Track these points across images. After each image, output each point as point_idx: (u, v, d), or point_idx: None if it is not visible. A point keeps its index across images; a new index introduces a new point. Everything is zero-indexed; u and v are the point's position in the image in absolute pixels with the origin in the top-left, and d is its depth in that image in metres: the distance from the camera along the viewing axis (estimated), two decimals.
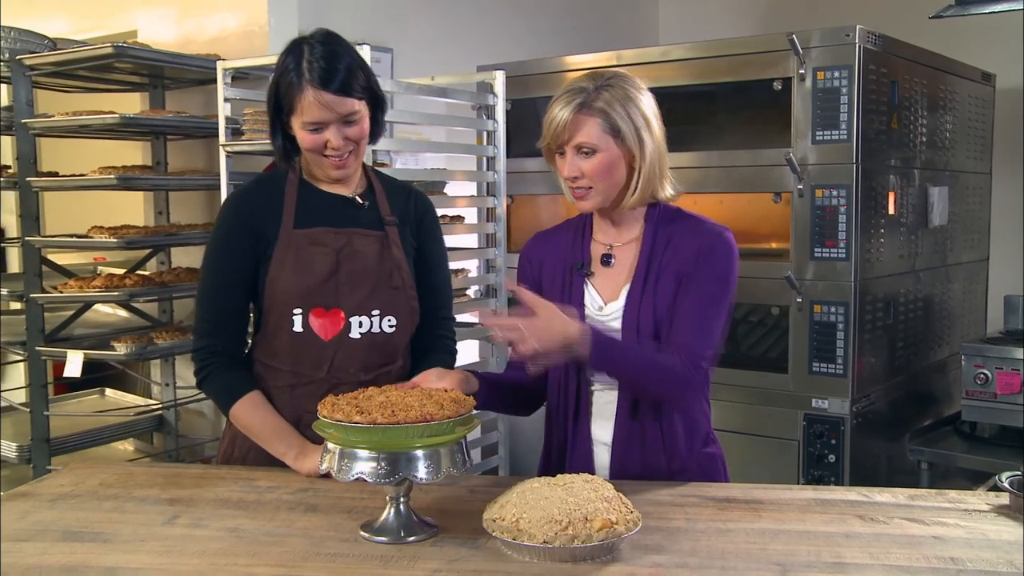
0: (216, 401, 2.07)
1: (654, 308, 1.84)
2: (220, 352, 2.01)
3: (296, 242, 1.97)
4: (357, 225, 2.01)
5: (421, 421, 1.52)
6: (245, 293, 2.02)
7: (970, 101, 3.96)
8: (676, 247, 1.87)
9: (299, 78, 1.88)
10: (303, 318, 1.97)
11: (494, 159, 3.56)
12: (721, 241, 1.86)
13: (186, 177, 3.52)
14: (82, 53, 3.17)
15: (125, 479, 1.94)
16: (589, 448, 1.92)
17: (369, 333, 2.00)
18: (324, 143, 1.92)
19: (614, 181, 1.86)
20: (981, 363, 3.36)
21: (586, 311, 1.92)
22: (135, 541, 1.59)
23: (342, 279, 1.97)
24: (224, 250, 2.01)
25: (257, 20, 3.60)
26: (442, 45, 4.28)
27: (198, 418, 3.92)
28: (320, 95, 1.87)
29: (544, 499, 1.50)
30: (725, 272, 1.84)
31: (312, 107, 1.88)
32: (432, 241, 2.14)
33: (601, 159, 1.83)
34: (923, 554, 1.47)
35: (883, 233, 3.29)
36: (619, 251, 1.94)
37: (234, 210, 2.04)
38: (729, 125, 3.67)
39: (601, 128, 1.82)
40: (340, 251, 1.97)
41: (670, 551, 1.51)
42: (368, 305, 1.99)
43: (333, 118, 1.90)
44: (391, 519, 1.60)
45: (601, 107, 1.82)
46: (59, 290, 3.32)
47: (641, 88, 1.88)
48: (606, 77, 1.86)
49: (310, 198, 2.02)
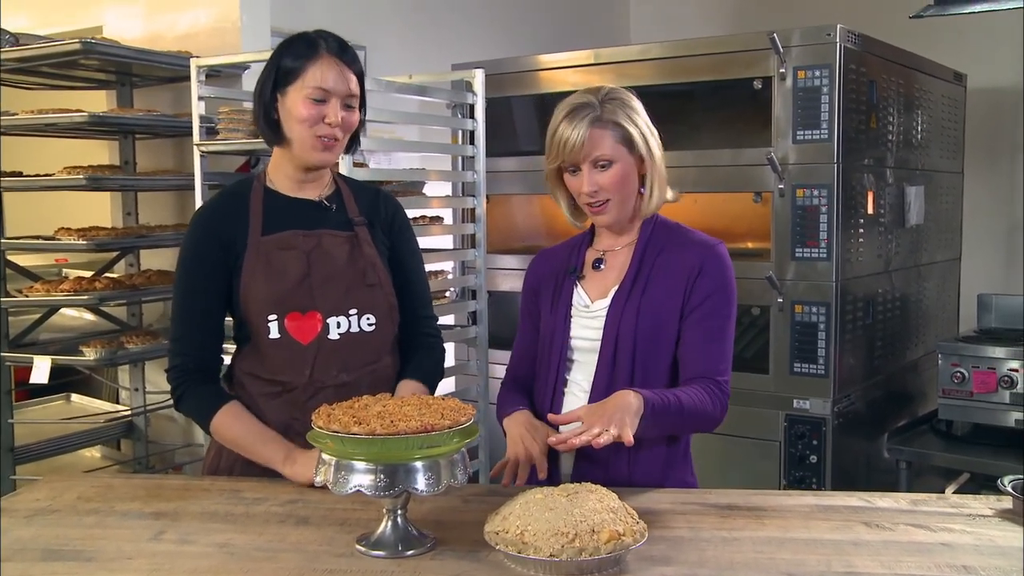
0: (195, 418, 2.02)
1: (638, 310, 1.86)
2: (194, 370, 1.98)
3: (265, 248, 1.93)
4: (326, 226, 1.98)
5: (422, 431, 1.47)
6: (219, 308, 1.98)
7: (943, 101, 3.98)
8: (668, 258, 1.90)
9: (314, 45, 1.90)
10: (279, 324, 1.93)
11: (473, 159, 3.51)
12: (716, 257, 1.89)
13: (157, 177, 3.43)
14: (48, 49, 3.08)
15: (105, 492, 1.87)
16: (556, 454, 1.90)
17: (348, 333, 1.96)
18: (322, 117, 1.89)
19: (629, 191, 1.89)
20: (958, 362, 3.38)
21: (572, 310, 1.94)
22: (121, 559, 1.53)
23: (315, 281, 1.93)
24: (194, 266, 1.97)
25: (229, 16, 3.52)
26: (414, 43, 4.23)
27: (169, 424, 3.83)
28: (334, 62, 1.89)
29: (549, 510, 1.45)
30: (726, 288, 1.87)
31: (325, 71, 1.88)
32: (405, 241, 2.11)
33: (617, 170, 1.85)
34: (934, 562, 1.44)
35: (862, 233, 3.29)
36: (611, 256, 1.97)
37: (201, 225, 2.00)
38: (708, 124, 3.65)
39: (614, 139, 1.84)
40: (310, 253, 1.94)
41: (677, 562, 1.48)
42: (344, 305, 1.95)
43: (341, 90, 1.90)
44: (388, 532, 1.55)
45: (612, 119, 1.84)
46: (25, 293, 3.22)
47: (634, 99, 1.91)
48: (604, 91, 1.88)
49: (276, 204, 1.98)
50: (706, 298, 1.85)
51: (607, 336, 1.88)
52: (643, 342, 1.85)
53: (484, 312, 3.52)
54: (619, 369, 1.86)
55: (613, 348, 1.87)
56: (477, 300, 3.51)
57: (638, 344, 1.85)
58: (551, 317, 1.97)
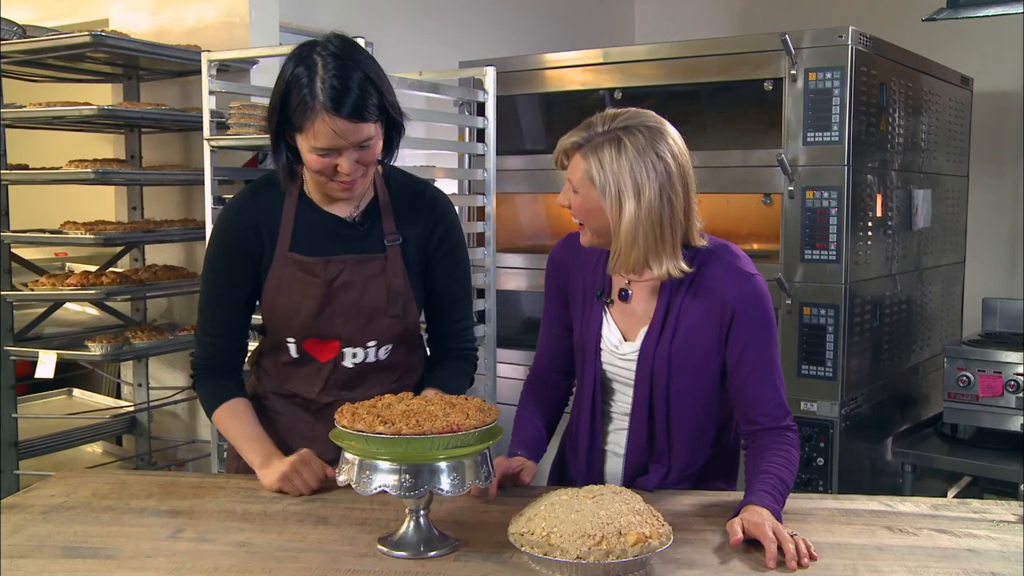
0: (203, 404, 2.02)
1: (669, 354, 1.79)
2: (214, 363, 1.98)
3: (289, 269, 1.89)
4: (354, 251, 1.90)
5: (447, 431, 1.46)
6: (244, 306, 1.96)
7: (950, 105, 3.98)
8: (698, 290, 1.78)
9: (312, 98, 1.70)
10: (297, 346, 1.93)
11: (482, 157, 3.49)
12: (752, 295, 1.76)
13: (165, 172, 3.41)
14: (57, 41, 3.05)
15: (119, 489, 1.85)
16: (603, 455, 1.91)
17: (364, 362, 1.94)
18: (334, 167, 1.78)
19: (597, 226, 1.74)
20: (963, 366, 3.38)
21: (602, 343, 1.87)
22: (140, 557, 1.52)
23: (335, 311, 1.90)
24: (220, 268, 1.95)
25: (238, 11, 3.49)
26: (421, 40, 4.22)
27: (171, 420, 3.81)
28: (334, 122, 1.70)
29: (575, 512, 1.44)
30: (767, 325, 1.77)
31: (324, 134, 1.72)
32: (450, 252, 1.99)
33: (581, 201, 1.73)
34: (962, 568, 1.44)
35: (871, 235, 3.28)
36: (637, 287, 1.85)
37: (229, 229, 1.94)
38: (717, 125, 3.65)
39: (584, 172, 1.71)
40: (332, 282, 1.88)
41: (703, 565, 1.47)
42: (363, 337, 1.92)
43: (346, 145, 1.74)
44: (411, 533, 1.54)
45: (591, 154, 1.69)
46: (30, 287, 3.19)
47: (657, 146, 1.69)
48: (621, 124, 1.70)
49: (308, 217, 1.91)
50: (750, 342, 1.75)
51: (640, 381, 1.82)
52: (677, 382, 1.80)
53: (492, 311, 3.51)
54: (656, 405, 1.82)
55: (648, 392, 1.82)
56: (486, 299, 3.50)
57: (673, 386, 1.80)
58: (580, 339, 1.90)
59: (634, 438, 1.87)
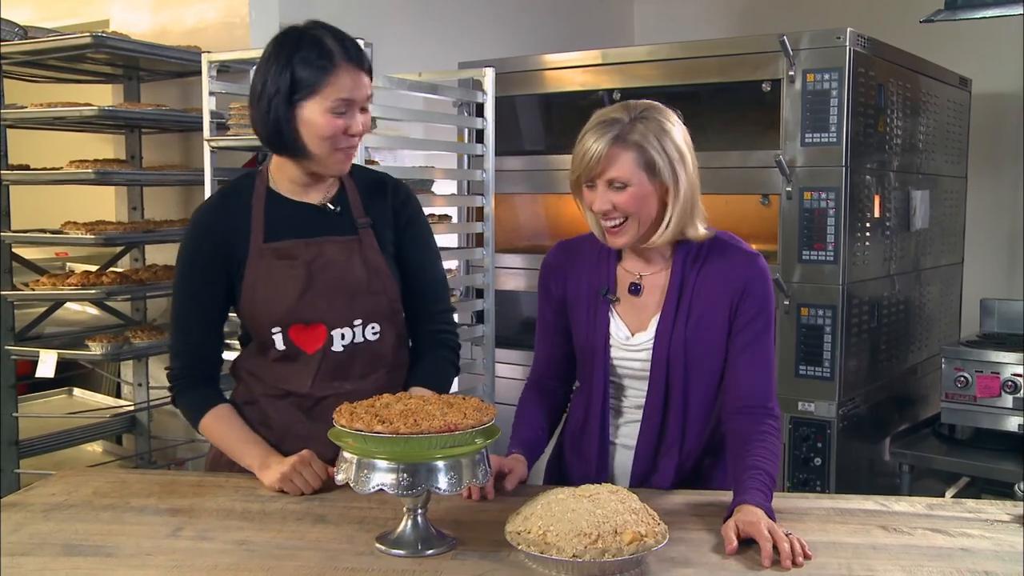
0: (187, 417, 2.01)
1: (685, 339, 1.81)
2: (191, 371, 1.98)
3: (267, 259, 1.89)
4: (328, 233, 1.93)
5: (445, 431, 1.47)
6: (218, 311, 1.96)
7: (948, 106, 3.99)
8: (709, 271, 1.84)
9: (327, 56, 1.79)
10: (283, 336, 1.92)
11: (481, 157, 3.50)
12: (759, 275, 1.83)
13: (165, 172, 3.42)
14: (58, 42, 3.07)
15: (119, 487, 1.87)
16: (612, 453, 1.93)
17: (352, 344, 1.94)
18: (345, 128, 1.82)
19: (646, 215, 1.79)
20: (961, 366, 3.39)
21: (611, 340, 1.88)
22: (140, 555, 1.53)
23: (318, 292, 1.90)
24: (192, 269, 1.95)
25: (238, 11, 3.51)
26: (421, 40, 4.23)
27: (171, 419, 3.82)
28: (353, 73, 1.81)
29: (571, 511, 1.45)
30: (767, 306, 1.82)
31: (345, 86, 1.80)
32: (413, 235, 2.02)
33: (633, 193, 1.76)
34: (955, 567, 1.45)
35: (868, 236, 3.30)
36: (647, 279, 1.88)
37: (201, 226, 1.96)
38: (715, 126, 3.66)
39: (635, 162, 1.75)
40: (312, 263, 1.89)
41: (698, 564, 1.48)
42: (349, 315, 1.92)
43: (361, 98, 1.83)
44: (408, 531, 1.55)
45: (637, 140, 1.74)
46: (31, 287, 3.21)
47: (675, 120, 1.80)
48: (640, 108, 1.78)
49: (278, 209, 1.93)
50: (750, 320, 1.81)
51: (656, 369, 1.83)
52: (694, 369, 1.82)
53: (491, 311, 3.52)
54: (672, 396, 1.84)
55: (664, 380, 1.83)
56: (484, 299, 3.51)
57: (689, 372, 1.82)
58: (586, 342, 1.91)
59: (647, 428, 1.87)
